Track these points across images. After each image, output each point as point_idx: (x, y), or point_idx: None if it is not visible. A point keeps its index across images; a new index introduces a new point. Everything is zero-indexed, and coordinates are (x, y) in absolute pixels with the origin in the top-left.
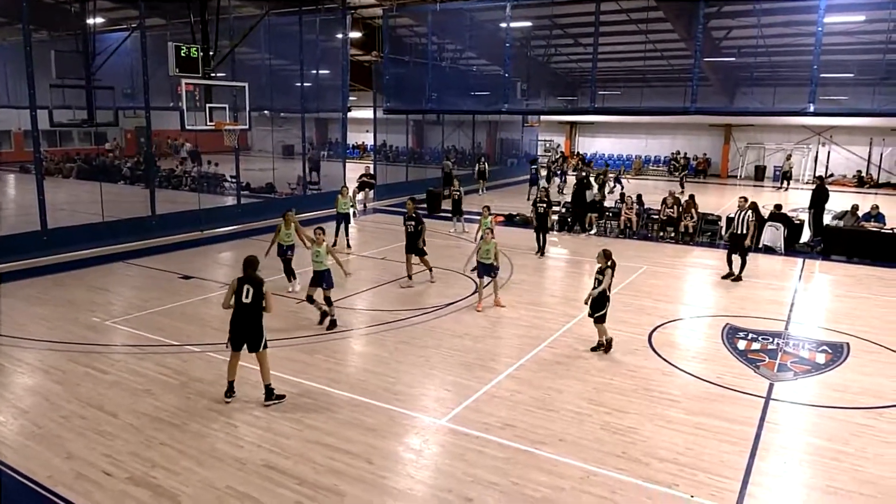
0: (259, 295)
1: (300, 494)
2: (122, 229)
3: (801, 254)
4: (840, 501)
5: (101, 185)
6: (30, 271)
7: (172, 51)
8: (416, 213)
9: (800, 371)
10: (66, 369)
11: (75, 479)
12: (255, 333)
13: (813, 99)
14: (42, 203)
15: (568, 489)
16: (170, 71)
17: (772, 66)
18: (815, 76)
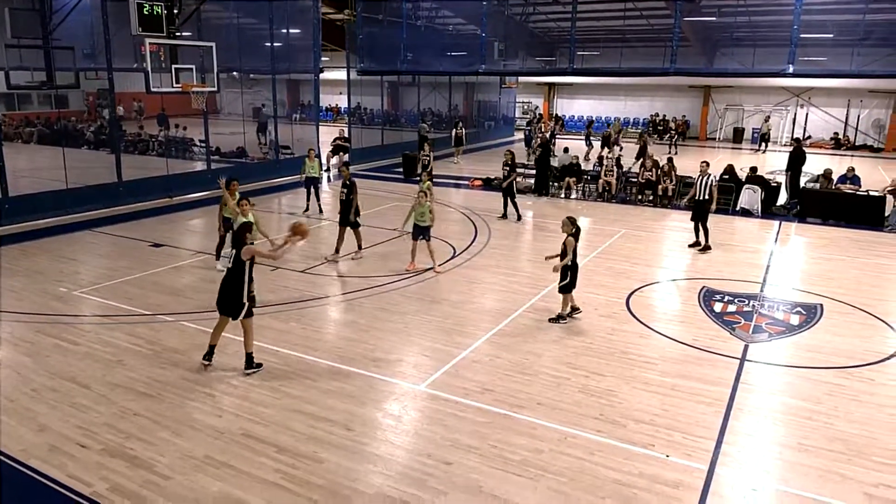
0: (238, 260)
1: (280, 462)
2: (87, 196)
3: (777, 216)
4: (811, 458)
5: (63, 151)
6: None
7: (135, 8)
8: (351, 179)
9: (774, 332)
10: (34, 341)
11: (49, 451)
12: (232, 300)
13: (792, 60)
14: (2, 169)
15: (547, 451)
16: (132, 30)
17: (752, 26)
18: (795, 37)
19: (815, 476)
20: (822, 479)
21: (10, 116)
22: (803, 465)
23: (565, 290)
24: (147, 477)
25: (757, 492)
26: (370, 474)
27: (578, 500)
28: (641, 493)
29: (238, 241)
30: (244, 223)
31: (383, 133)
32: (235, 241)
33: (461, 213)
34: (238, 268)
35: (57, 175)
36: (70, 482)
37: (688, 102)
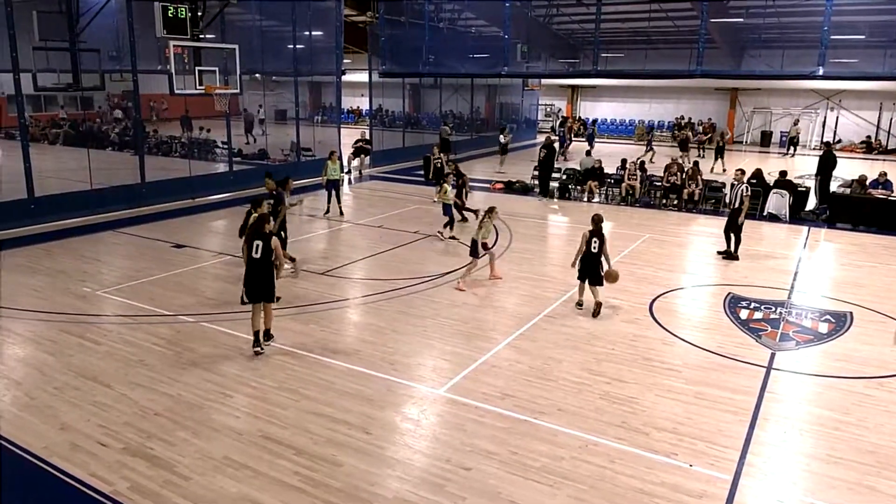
0: (268, 249)
1: (298, 465)
2: (111, 197)
3: (806, 222)
4: (840, 471)
5: (88, 152)
6: (18, 240)
7: (159, 11)
8: (278, 190)
9: (802, 340)
10: (58, 340)
11: (71, 450)
12: (266, 287)
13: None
14: (28, 170)
15: (567, 458)
16: (157, 32)
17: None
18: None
19: (843, 489)
20: (852, 491)
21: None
22: (832, 477)
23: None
24: (167, 477)
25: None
26: (388, 478)
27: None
28: (663, 503)
29: (261, 233)
30: (261, 215)
31: (405, 135)
32: (259, 233)
33: None
34: (267, 256)
35: (82, 176)
36: (91, 481)
37: (714, 105)
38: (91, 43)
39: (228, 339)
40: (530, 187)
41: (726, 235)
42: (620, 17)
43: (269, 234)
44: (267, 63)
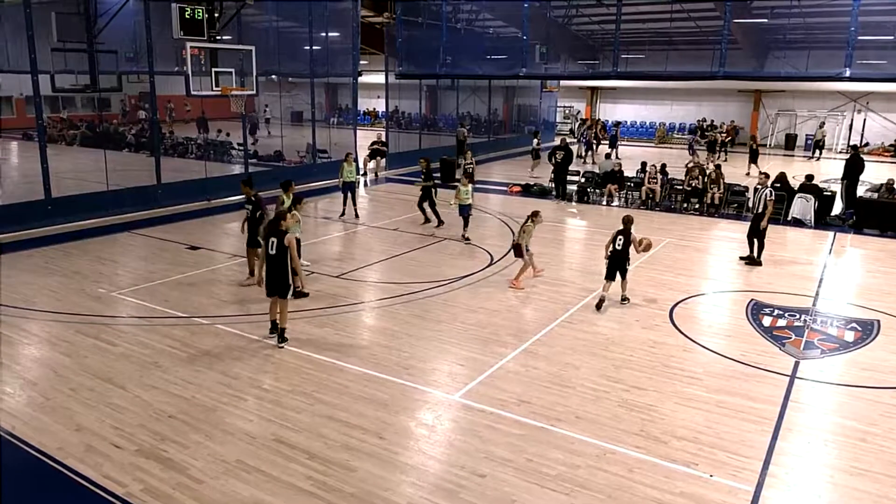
0: (282, 246)
1: (311, 469)
2: (127, 198)
3: (831, 227)
4: (865, 483)
5: (105, 153)
6: (35, 241)
7: (176, 12)
8: (256, 195)
9: (827, 349)
10: (73, 341)
11: (85, 451)
12: (280, 282)
13: (849, 63)
14: (46, 171)
15: (584, 467)
16: (174, 34)
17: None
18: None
19: (868, 502)
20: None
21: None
22: (857, 489)
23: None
24: (179, 479)
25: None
26: (402, 484)
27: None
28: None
29: (277, 230)
30: (280, 211)
31: (421, 137)
32: (274, 230)
33: (499, 219)
34: (281, 253)
35: (98, 177)
36: (105, 482)
37: (737, 107)
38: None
39: (243, 341)
40: (548, 190)
41: (749, 240)
42: (641, 18)
43: (284, 231)
44: (283, 64)
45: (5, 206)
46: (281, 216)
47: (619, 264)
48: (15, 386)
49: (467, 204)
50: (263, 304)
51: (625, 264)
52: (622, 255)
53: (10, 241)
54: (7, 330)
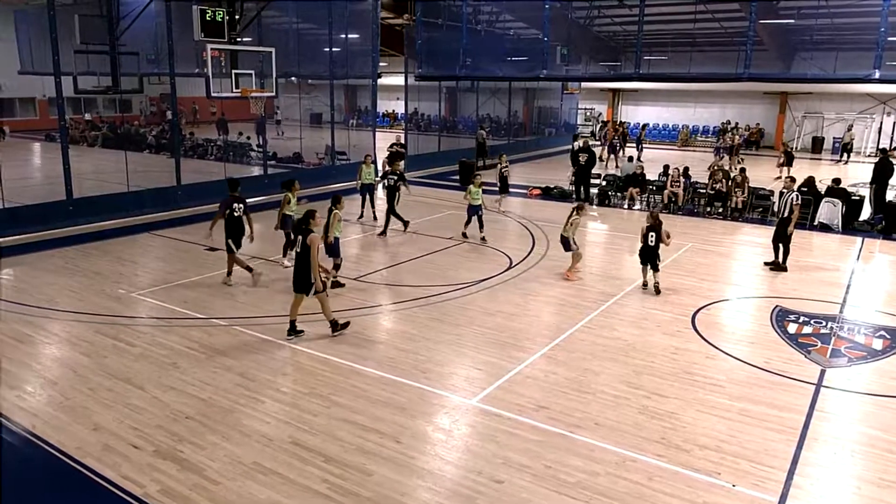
0: (305, 245)
1: (327, 472)
2: (147, 199)
3: (859, 232)
4: (893, 495)
5: (126, 154)
6: (56, 241)
7: (197, 14)
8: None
9: (854, 357)
10: (93, 341)
11: (103, 451)
12: (303, 280)
13: (879, 64)
14: (67, 172)
15: (603, 475)
16: (195, 36)
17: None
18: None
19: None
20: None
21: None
22: (884, 501)
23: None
24: (196, 481)
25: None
26: (418, 489)
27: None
28: None
29: (305, 230)
30: (308, 211)
31: (440, 139)
32: (301, 229)
33: (519, 222)
34: (306, 251)
35: (119, 178)
36: (123, 482)
37: (762, 110)
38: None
39: (260, 343)
40: (568, 193)
41: (774, 246)
42: (664, 19)
43: (310, 231)
44: (303, 66)
45: (28, 207)
46: (311, 215)
47: (651, 258)
48: (35, 385)
49: (477, 204)
50: (280, 305)
51: (657, 258)
52: (655, 249)
53: (32, 241)
54: (29, 329)
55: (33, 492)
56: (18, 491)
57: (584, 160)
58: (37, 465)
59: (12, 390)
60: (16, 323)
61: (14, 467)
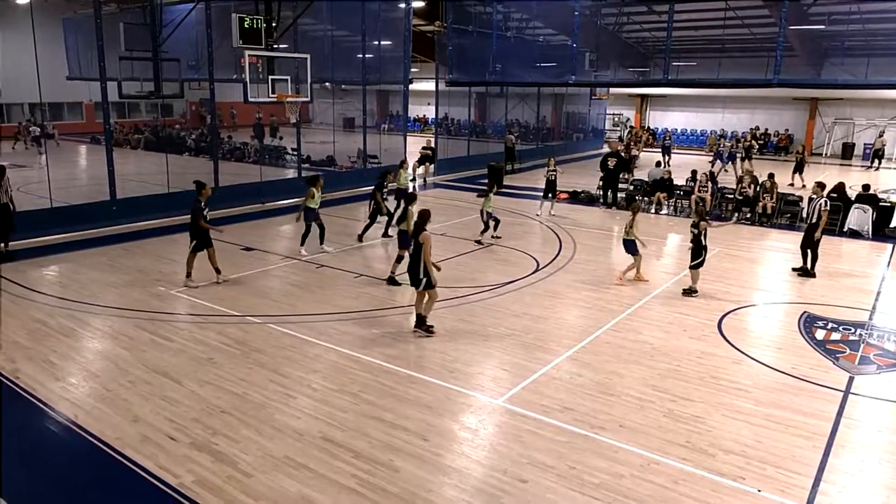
0: (418, 244)
1: (356, 468)
2: (186, 200)
3: (890, 239)
4: None
5: (167, 157)
6: (100, 240)
7: (236, 22)
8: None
9: (884, 364)
10: (133, 336)
11: (141, 442)
12: (416, 274)
13: None
14: (111, 174)
15: (628, 476)
16: (233, 43)
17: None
18: None
19: None
20: None
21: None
22: None
23: (694, 266)
24: (230, 473)
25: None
26: (444, 486)
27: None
28: None
29: (420, 230)
30: (421, 212)
31: (469, 144)
32: (417, 228)
33: (547, 225)
34: (418, 249)
35: (160, 180)
36: (160, 472)
37: (792, 115)
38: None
39: (293, 341)
40: (595, 198)
41: (802, 252)
42: (693, 25)
43: (422, 230)
44: (337, 72)
45: (74, 206)
46: (425, 217)
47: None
48: (78, 377)
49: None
50: (313, 304)
51: (703, 254)
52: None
53: (77, 239)
54: (73, 323)
55: (75, 480)
56: (61, 479)
57: (613, 165)
58: (79, 454)
59: (57, 381)
60: (61, 317)
61: (57, 456)
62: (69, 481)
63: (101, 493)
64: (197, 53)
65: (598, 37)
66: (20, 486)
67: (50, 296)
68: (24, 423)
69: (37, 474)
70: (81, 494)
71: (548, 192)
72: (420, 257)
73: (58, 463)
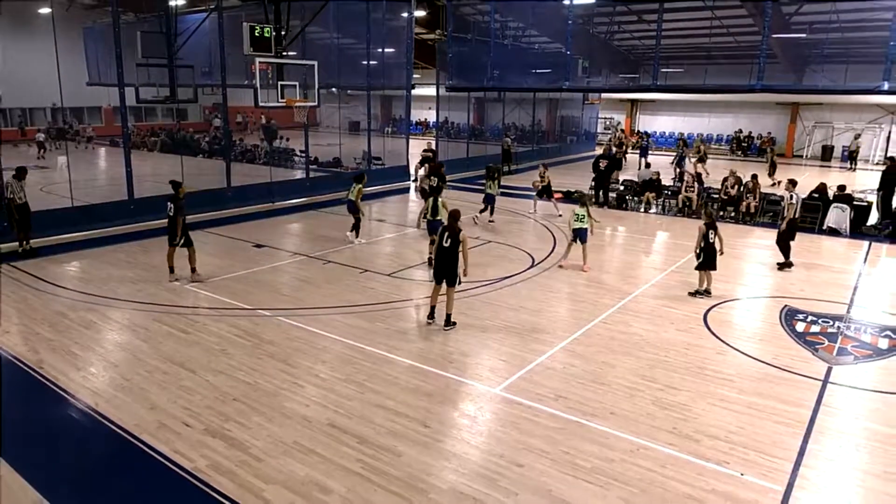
0: (456, 241)
1: (361, 453)
2: (200, 200)
3: (867, 237)
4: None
5: (181, 159)
6: (118, 237)
7: (247, 31)
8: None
9: (861, 355)
10: (150, 328)
11: (158, 428)
12: (450, 272)
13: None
14: (129, 174)
15: (618, 461)
16: (244, 50)
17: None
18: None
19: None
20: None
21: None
22: (889, 494)
23: (699, 267)
24: (242, 457)
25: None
26: (444, 470)
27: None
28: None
29: (453, 229)
30: (452, 212)
31: (468, 146)
32: (451, 229)
33: (541, 224)
34: (455, 246)
35: None
36: (175, 457)
37: (774, 119)
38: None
39: (302, 333)
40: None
41: (779, 247)
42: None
43: (459, 229)
44: (343, 78)
45: (94, 206)
46: (456, 216)
47: (713, 258)
48: (99, 367)
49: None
50: (320, 298)
51: (715, 257)
52: (713, 248)
53: (97, 237)
54: (94, 316)
55: (96, 464)
56: (83, 463)
57: (604, 166)
58: (99, 439)
59: (79, 371)
60: (82, 311)
61: (79, 441)
62: (90, 465)
63: (120, 477)
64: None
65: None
66: (45, 469)
67: (71, 290)
68: (48, 411)
69: (60, 458)
70: (102, 478)
71: (542, 194)
72: (455, 254)
73: (80, 448)
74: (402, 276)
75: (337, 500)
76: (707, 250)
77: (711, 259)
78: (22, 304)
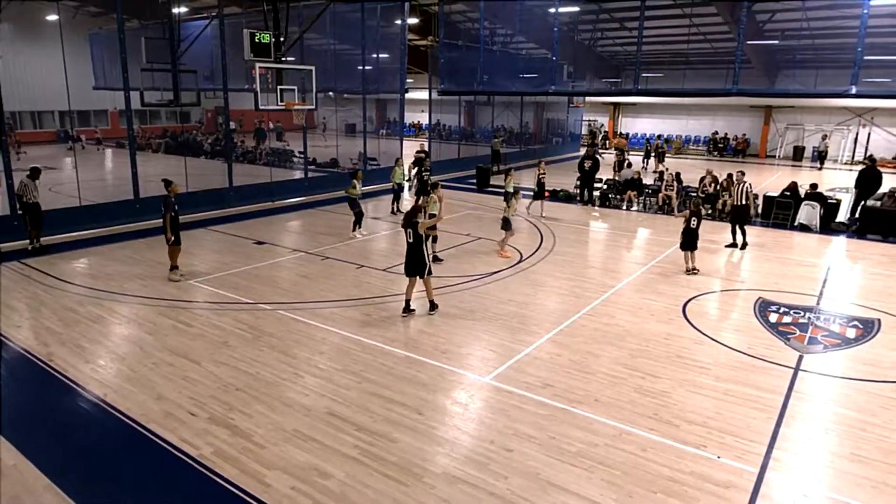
0: (418, 236)
1: (358, 440)
2: (203, 199)
3: (836, 232)
4: (865, 469)
5: (185, 160)
6: (124, 235)
7: (247, 37)
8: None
9: (830, 344)
10: (156, 322)
11: (164, 417)
12: (420, 265)
13: (856, 81)
14: (135, 175)
15: (602, 445)
16: (245, 55)
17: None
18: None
19: (868, 487)
20: (876, 490)
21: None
22: (856, 475)
23: (682, 247)
24: (245, 445)
25: (808, 498)
26: (438, 455)
27: (631, 493)
28: (692, 491)
29: (412, 222)
30: (414, 206)
31: (459, 147)
32: (410, 222)
33: (528, 221)
34: (418, 240)
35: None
36: (181, 445)
37: (749, 121)
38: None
39: (301, 326)
40: (573, 196)
41: (732, 230)
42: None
43: (417, 223)
44: (339, 82)
45: (101, 205)
46: (416, 210)
47: (693, 240)
48: (107, 359)
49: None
50: (317, 292)
51: (696, 241)
52: (696, 233)
53: (105, 234)
54: (102, 311)
55: (105, 452)
56: (93, 451)
57: (589, 166)
58: (108, 429)
59: (87, 364)
60: (91, 305)
61: (89, 431)
62: (100, 454)
63: (128, 465)
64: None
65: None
66: (57, 458)
67: (80, 286)
68: (58, 402)
69: (71, 448)
70: (111, 465)
71: (539, 193)
72: (420, 248)
73: (89, 437)
74: (396, 271)
75: (336, 484)
76: (688, 233)
77: (692, 241)
78: (32, 299)
